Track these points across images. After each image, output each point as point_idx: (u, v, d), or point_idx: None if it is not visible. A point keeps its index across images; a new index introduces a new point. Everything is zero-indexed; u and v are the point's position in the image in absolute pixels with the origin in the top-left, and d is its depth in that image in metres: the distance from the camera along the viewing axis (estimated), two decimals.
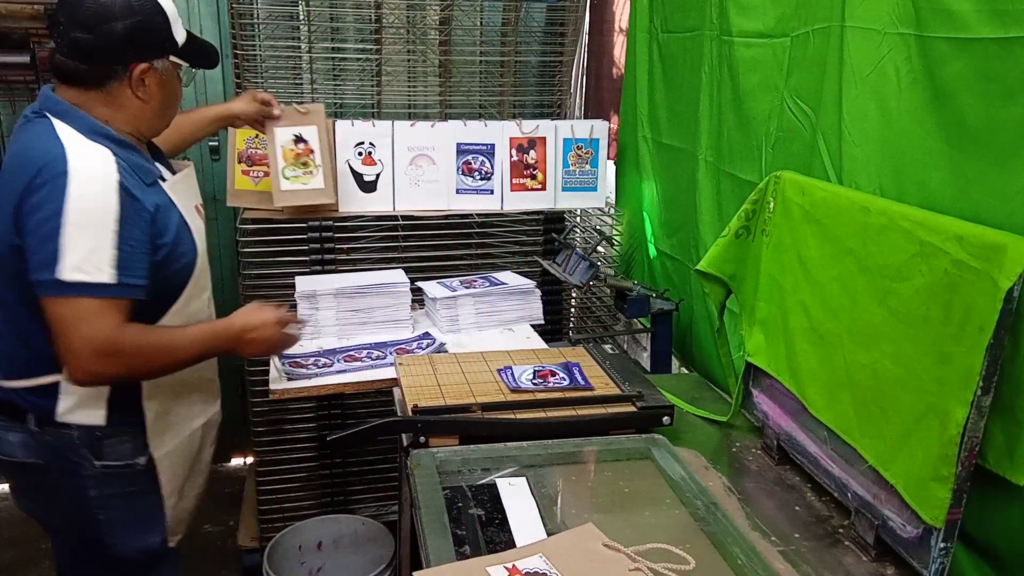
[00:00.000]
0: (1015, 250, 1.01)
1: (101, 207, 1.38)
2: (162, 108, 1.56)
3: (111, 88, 1.48)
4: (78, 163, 1.39)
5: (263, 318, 1.64)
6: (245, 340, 1.62)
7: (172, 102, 1.59)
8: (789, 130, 1.71)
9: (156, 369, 1.53)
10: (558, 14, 2.86)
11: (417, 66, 2.81)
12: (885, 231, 1.25)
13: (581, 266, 2.32)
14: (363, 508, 2.70)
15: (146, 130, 1.57)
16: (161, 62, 1.51)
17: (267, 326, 1.64)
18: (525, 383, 1.69)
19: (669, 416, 1.61)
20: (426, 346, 2.09)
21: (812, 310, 1.45)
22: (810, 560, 1.26)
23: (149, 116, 1.55)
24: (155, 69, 1.50)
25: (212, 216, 3.11)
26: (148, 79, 1.49)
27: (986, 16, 1.14)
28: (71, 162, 1.38)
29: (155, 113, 1.55)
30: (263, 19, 2.61)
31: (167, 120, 1.61)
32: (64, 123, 1.44)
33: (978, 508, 1.16)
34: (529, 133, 2.59)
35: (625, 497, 1.40)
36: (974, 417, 1.06)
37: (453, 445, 1.50)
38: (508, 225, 2.72)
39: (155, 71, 1.50)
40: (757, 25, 1.83)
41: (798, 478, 1.51)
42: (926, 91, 1.28)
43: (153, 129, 1.59)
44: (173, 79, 1.56)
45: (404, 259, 2.54)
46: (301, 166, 2.35)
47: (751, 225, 1.64)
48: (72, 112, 1.46)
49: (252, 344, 1.63)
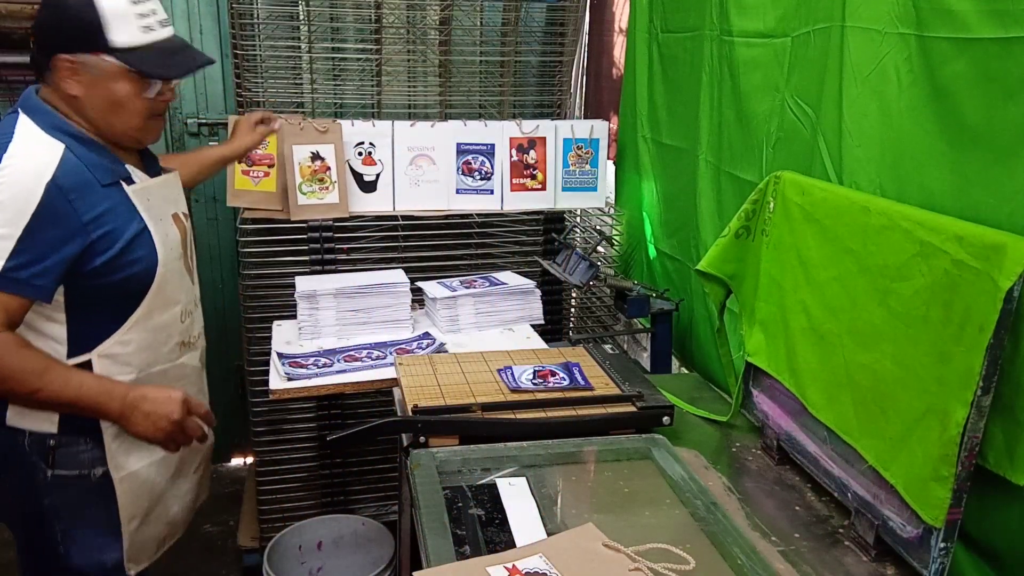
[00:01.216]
0: (1015, 250, 1.01)
1: (21, 199, 1.34)
2: (103, 109, 1.47)
3: (53, 81, 1.45)
4: (15, 155, 1.38)
5: (169, 397, 1.47)
6: (137, 411, 1.45)
7: (114, 105, 1.47)
8: (789, 130, 1.71)
9: (13, 391, 1.40)
10: (558, 14, 2.86)
11: (417, 66, 2.81)
12: (885, 231, 1.25)
13: (581, 266, 2.32)
14: (363, 508, 2.70)
15: (103, 130, 1.49)
16: (89, 59, 1.42)
17: (169, 405, 1.47)
18: (525, 383, 1.69)
19: (669, 416, 1.61)
20: (426, 346, 2.09)
21: (812, 310, 1.45)
22: (810, 560, 1.26)
23: (92, 115, 1.47)
24: (79, 64, 1.43)
25: (212, 216, 3.12)
26: (72, 74, 1.43)
27: (986, 16, 1.14)
28: (8, 153, 1.38)
29: (97, 113, 1.47)
30: (263, 19, 2.61)
31: (120, 125, 1.49)
32: (29, 118, 1.44)
33: (978, 508, 1.16)
34: (529, 133, 2.59)
35: (625, 497, 1.40)
36: (974, 417, 1.06)
37: (453, 445, 1.50)
38: (508, 225, 2.72)
39: (78, 66, 1.43)
40: (757, 25, 1.83)
41: (798, 478, 1.51)
42: (926, 91, 1.28)
43: (109, 131, 1.50)
44: (110, 80, 1.44)
45: (404, 259, 2.55)
46: (317, 182, 2.39)
47: (751, 225, 1.64)
48: (39, 108, 1.45)
49: (140, 420, 1.45)
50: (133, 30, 1.44)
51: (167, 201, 1.62)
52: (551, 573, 1.10)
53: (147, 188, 1.56)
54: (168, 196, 1.63)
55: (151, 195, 1.56)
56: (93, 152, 1.47)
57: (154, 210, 1.54)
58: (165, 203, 1.60)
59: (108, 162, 1.49)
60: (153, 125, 1.55)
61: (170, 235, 1.57)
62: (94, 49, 1.42)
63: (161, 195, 1.60)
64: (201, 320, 1.76)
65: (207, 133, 3.05)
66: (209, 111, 3.03)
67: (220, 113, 3.03)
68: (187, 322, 1.65)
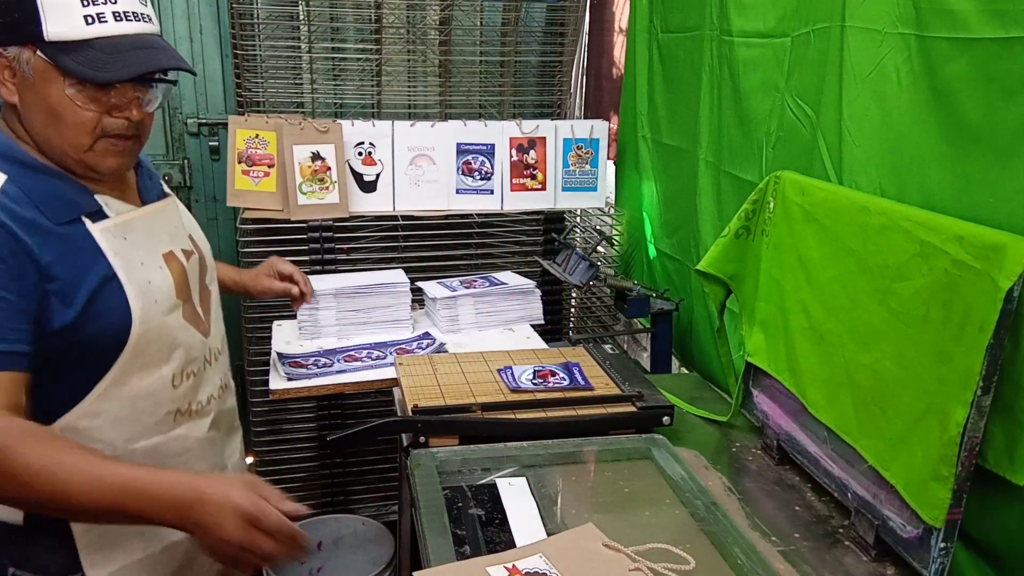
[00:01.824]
0: (1015, 250, 1.01)
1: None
2: (40, 121, 1.16)
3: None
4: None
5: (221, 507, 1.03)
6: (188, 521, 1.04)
7: (50, 116, 1.15)
8: (789, 130, 1.71)
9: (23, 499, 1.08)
10: (558, 14, 2.87)
11: (417, 66, 2.81)
12: (885, 231, 1.25)
13: (581, 266, 2.32)
14: (363, 508, 2.71)
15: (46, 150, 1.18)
16: (21, 53, 1.13)
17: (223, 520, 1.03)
18: (525, 383, 1.69)
19: (669, 416, 1.61)
20: (426, 346, 2.09)
21: (812, 310, 1.45)
22: (810, 560, 1.26)
23: (32, 129, 1.17)
24: (10, 60, 1.13)
25: (212, 216, 3.12)
26: (6, 73, 1.15)
27: (986, 16, 1.14)
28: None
29: (36, 126, 1.17)
30: (263, 19, 2.61)
31: (59, 142, 1.17)
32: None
33: (978, 508, 1.15)
34: (529, 133, 2.59)
35: (625, 497, 1.40)
36: (974, 417, 1.06)
37: (453, 445, 1.50)
38: (508, 225, 2.72)
39: (11, 63, 1.13)
40: (757, 25, 1.83)
41: (798, 478, 1.51)
42: (926, 91, 1.28)
43: (49, 150, 1.18)
44: (41, 82, 1.13)
45: (404, 259, 2.55)
46: (318, 182, 2.39)
47: (751, 225, 1.64)
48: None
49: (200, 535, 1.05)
50: (72, 18, 1.12)
51: (155, 237, 1.29)
52: (551, 573, 1.10)
53: (125, 223, 1.24)
54: (158, 230, 1.30)
55: (130, 231, 1.24)
56: (43, 182, 1.16)
57: (131, 251, 1.23)
58: (151, 240, 1.28)
59: (68, 193, 1.18)
60: (108, 148, 1.19)
61: (155, 282, 1.24)
62: (25, 39, 1.12)
63: (146, 230, 1.27)
64: (219, 378, 1.41)
65: (207, 133, 3.05)
66: (209, 111, 3.03)
67: (220, 113, 3.03)
68: (186, 385, 1.30)
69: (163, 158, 3.03)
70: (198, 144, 3.06)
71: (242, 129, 2.37)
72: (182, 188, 3.07)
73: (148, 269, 1.24)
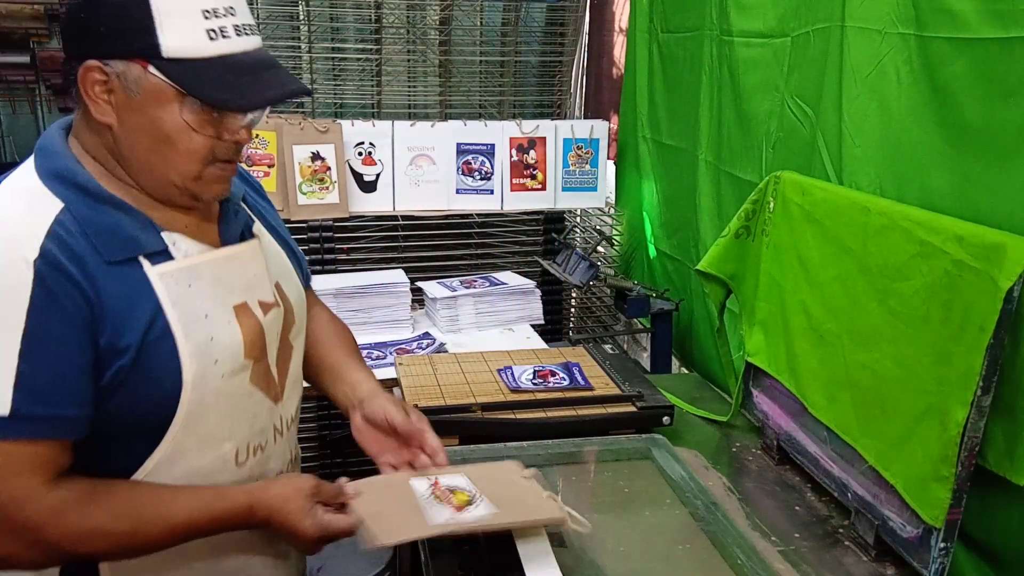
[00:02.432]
0: (1015, 250, 1.01)
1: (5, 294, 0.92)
2: (143, 147, 1.00)
3: (80, 100, 1.00)
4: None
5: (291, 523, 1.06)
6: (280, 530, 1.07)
7: (158, 142, 1.00)
8: (789, 130, 1.71)
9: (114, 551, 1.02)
10: (558, 14, 2.87)
11: (417, 66, 2.81)
12: (885, 231, 1.25)
13: (581, 266, 2.32)
14: None
15: (142, 179, 1.03)
16: (127, 68, 0.96)
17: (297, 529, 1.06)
18: (525, 383, 1.69)
19: (669, 416, 1.61)
20: (426, 346, 2.09)
21: (812, 310, 1.45)
22: (810, 560, 1.26)
23: (128, 155, 1.01)
24: (112, 77, 0.96)
25: None
26: (102, 90, 0.97)
27: (986, 16, 1.14)
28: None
29: (135, 152, 1.00)
30: (263, 19, 2.61)
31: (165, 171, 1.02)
32: (35, 161, 1.02)
33: (978, 508, 1.15)
34: (529, 133, 2.59)
35: (625, 497, 1.40)
36: (974, 417, 1.06)
37: (453, 445, 1.50)
38: (508, 225, 2.73)
39: (111, 80, 0.96)
40: (757, 25, 1.83)
41: (798, 478, 1.51)
42: (926, 91, 1.28)
43: (150, 179, 1.03)
44: (154, 104, 0.97)
45: (404, 259, 2.55)
46: (318, 182, 2.39)
47: (751, 225, 1.64)
48: (48, 146, 1.03)
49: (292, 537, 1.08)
50: (194, 32, 0.96)
51: (227, 285, 1.08)
52: (470, 490, 1.12)
53: (192, 268, 1.05)
54: (233, 277, 1.10)
55: (197, 278, 1.05)
56: (102, 213, 1.00)
57: (195, 301, 1.04)
58: (222, 288, 1.08)
59: (128, 228, 1.01)
60: (216, 175, 1.05)
61: (218, 338, 1.05)
62: (135, 54, 0.95)
63: (217, 277, 1.07)
64: (290, 451, 1.24)
65: None
66: None
67: None
68: (251, 462, 1.12)
69: None
70: None
71: None
72: None
73: (213, 323, 1.05)
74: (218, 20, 0.98)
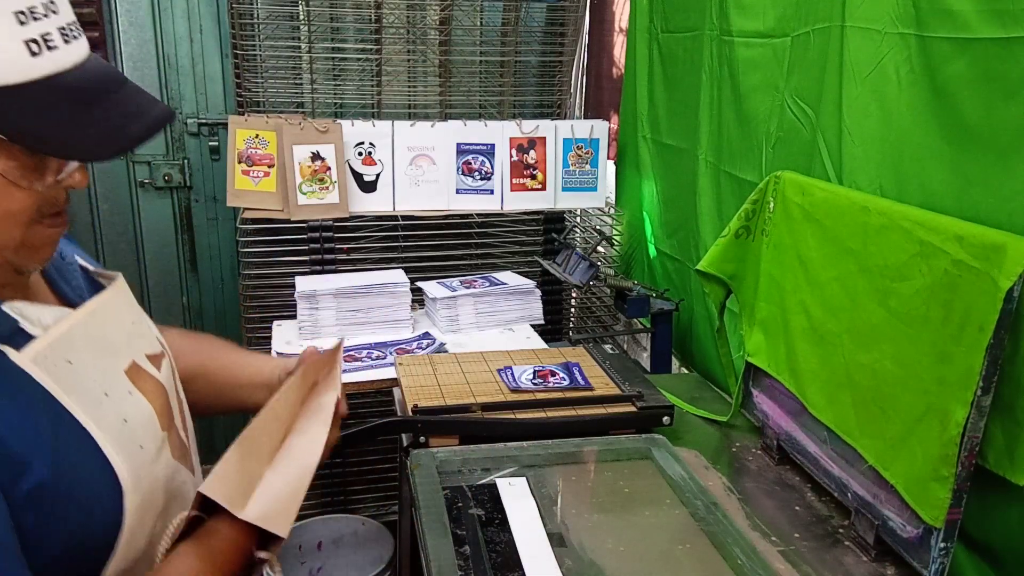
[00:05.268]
0: (1015, 250, 1.01)
1: None
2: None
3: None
4: None
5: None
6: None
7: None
8: (789, 130, 1.71)
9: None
10: (558, 14, 2.87)
11: (417, 66, 2.81)
12: (885, 231, 1.25)
13: (581, 266, 2.32)
14: (363, 508, 2.71)
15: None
16: None
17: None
18: (525, 383, 1.69)
19: (669, 416, 1.61)
20: (426, 346, 2.09)
21: (812, 310, 1.45)
22: (810, 560, 1.26)
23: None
24: None
25: (212, 216, 3.12)
26: None
27: (987, 16, 1.14)
28: None
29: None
30: (263, 19, 2.61)
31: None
32: None
33: (978, 508, 1.15)
34: (529, 133, 2.59)
35: (625, 497, 1.40)
36: (974, 417, 1.06)
37: (453, 445, 1.50)
38: (508, 225, 2.73)
39: None
40: (757, 25, 1.83)
41: (798, 478, 1.51)
42: (926, 91, 1.28)
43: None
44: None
45: (404, 259, 2.55)
46: (318, 182, 2.39)
47: (751, 225, 1.64)
48: None
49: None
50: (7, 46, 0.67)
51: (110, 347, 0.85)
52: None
53: (62, 340, 0.79)
54: (110, 334, 0.86)
55: (73, 349, 0.80)
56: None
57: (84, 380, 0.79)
58: (105, 354, 0.84)
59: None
60: (44, 236, 0.78)
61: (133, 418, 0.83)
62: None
63: (93, 339, 0.83)
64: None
65: (207, 133, 3.05)
66: (209, 111, 3.03)
67: (220, 113, 3.02)
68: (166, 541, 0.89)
69: (163, 158, 3.03)
70: (198, 144, 3.05)
71: (242, 129, 2.37)
72: (182, 188, 3.07)
73: (116, 401, 0.81)
74: (38, 24, 0.69)
